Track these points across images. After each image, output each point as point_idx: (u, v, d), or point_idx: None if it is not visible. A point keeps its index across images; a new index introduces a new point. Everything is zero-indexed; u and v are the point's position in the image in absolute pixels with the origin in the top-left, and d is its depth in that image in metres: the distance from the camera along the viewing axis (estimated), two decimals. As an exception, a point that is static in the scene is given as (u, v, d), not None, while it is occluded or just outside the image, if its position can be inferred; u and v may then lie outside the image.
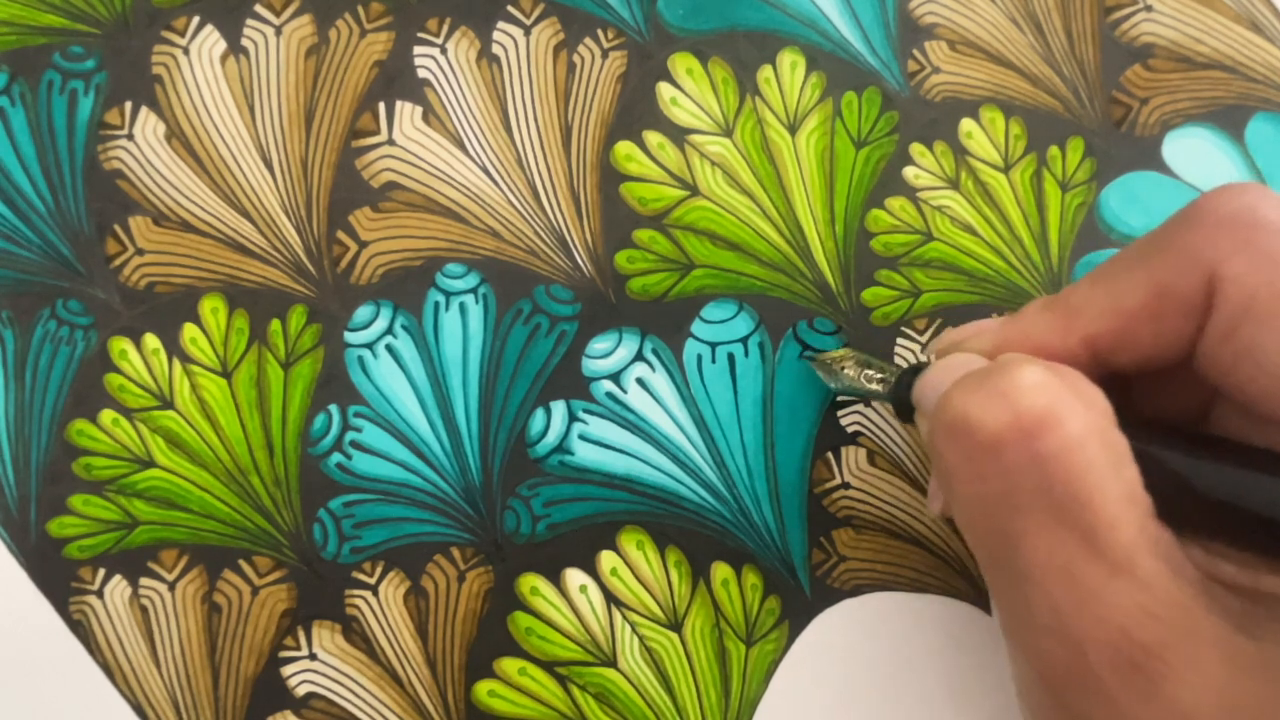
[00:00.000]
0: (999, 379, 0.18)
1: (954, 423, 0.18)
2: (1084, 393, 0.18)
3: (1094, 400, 0.18)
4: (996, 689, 0.25)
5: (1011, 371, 0.18)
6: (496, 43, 0.28)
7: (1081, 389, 0.18)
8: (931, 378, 0.21)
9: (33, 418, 0.25)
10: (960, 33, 0.29)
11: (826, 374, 0.25)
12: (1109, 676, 0.17)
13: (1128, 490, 0.17)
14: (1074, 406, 0.18)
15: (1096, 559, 0.17)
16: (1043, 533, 0.17)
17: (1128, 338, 0.20)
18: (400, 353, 0.26)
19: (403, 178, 0.27)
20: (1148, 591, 0.17)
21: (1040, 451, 0.17)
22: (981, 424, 0.18)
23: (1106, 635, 0.17)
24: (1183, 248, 0.19)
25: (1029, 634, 0.18)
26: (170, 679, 0.24)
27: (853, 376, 0.24)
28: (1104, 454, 0.17)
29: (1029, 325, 0.21)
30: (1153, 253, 0.20)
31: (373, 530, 0.25)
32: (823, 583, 0.25)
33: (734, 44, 0.28)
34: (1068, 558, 0.17)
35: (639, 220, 0.27)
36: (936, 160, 0.28)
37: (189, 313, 0.26)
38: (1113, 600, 0.17)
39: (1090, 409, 0.18)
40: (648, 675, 0.25)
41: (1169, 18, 0.30)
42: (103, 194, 0.26)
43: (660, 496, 0.25)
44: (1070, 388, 0.18)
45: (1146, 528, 0.17)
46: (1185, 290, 0.19)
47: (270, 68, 0.27)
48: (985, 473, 0.18)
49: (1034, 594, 0.18)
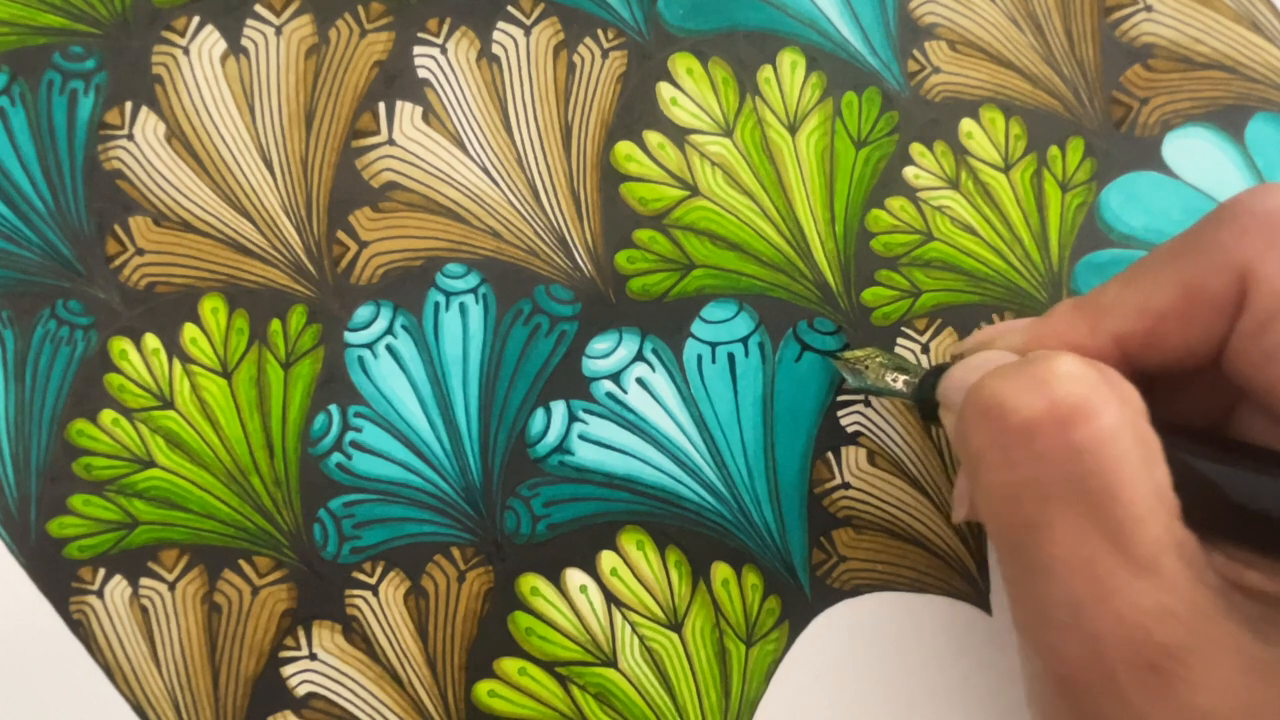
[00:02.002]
0: (1036, 367, 0.18)
1: (988, 406, 0.18)
2: (1119, 387, 0.18)
3: (1129, 396, 0.18)
4: (997, 689, 0.25)
5: (1049, 361, 0.18)
6: (496, 43, 0.28)
7: (1117, 383, 0.18)
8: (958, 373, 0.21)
9: (33, 418, 0.25)
10: (960, 33, 0.29)
11: (850, 373, 0.25)
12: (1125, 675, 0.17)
13: (1157, 489, 0.17)
14: (1110, 399, 0.17)
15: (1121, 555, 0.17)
16: (1069, 524, 0.17)
17: (1157, 338, 0.20)
18: (400, 353, 0.26)
19: (403, 178, 0.27)
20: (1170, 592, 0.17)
21: (1074, 441, 0.17)
22: (1016, 409, 0.18)
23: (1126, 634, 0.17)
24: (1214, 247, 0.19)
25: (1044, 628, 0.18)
26: (170, 679, 0.24)
27: (878, 375, 0.24)
28: (1137, 450, 0.17)
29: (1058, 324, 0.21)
30: (1184, 252, 0.19)
31: (373, 530, 0.25)
32: (823, 583, 0.25)
33: (734, 44, 0.28)
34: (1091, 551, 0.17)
35: (639, 220, 0.27)
36: (936, 160, 0.28)
37: (189, 313, 0.26)
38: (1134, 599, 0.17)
39: (1126, 404, 0.18)
40: (648, 675, 0.25)
41: (1169, 18, 0.30)
42: (103, 194, 0.26)
43: (660, 496, 0.25)
44: (1107, 381, 0.18)
45: (1172, 528, 0.17)
46: (1216, 290, 0.19)
47: (270, 68, 0.27)
48: (1015, 459, 0.18)
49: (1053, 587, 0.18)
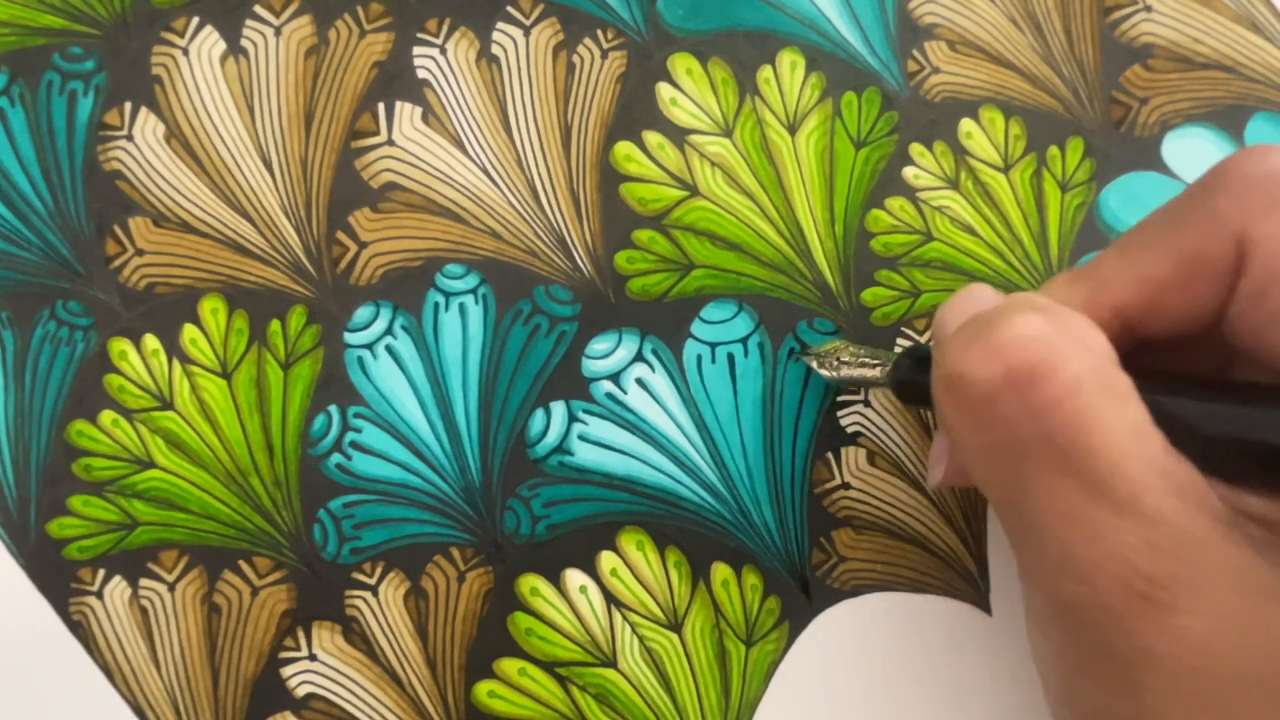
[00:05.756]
0: (992, 331, 0.18)
1: (949, 378, 0.19)
2: (1081, 336, 0.18)
3: (1092, 342, 0.18)
4: (997, 689, 0.25)
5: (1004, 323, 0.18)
6: (496, 43, 0.28)
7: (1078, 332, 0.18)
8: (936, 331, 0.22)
9: (32, 418, 0.25)
10: (960, 33, 0.29)
11: (822, 367, 0.25)
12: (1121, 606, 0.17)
13: (1131, 428, 0.17)
14: (1069, 352, 0.18)
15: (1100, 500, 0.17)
16: (1046, 478, 0.18)
17: (1157, 307, 0.20)
18: (400, 353, 0.26)
19: (402, 178, 0.27)
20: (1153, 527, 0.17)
21: (1035, 402, 0.17)
22: (976, 379, 0.18)
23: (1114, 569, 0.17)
24: (1210, 212, 0.19)
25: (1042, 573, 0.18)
26: (170, 680, 0.24)
27: (849, 366, 0.24)
28: (1103, 396, 0.17)
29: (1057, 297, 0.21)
30: (1180, 219, 0.19)
31: (372, 531, 0.25)
32: (823, 583, 0.25)
33: (734, 44, 0.28)
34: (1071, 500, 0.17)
35: (639, 220, 0.27)
36: (936, 160, 0.28)
37: (189, 313, 0.26)
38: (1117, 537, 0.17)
39: (1087, 351, 0.18)
40: (648, 676, 0.25)
41: (1169, 18, 0.30)
42: (102, 195, 0.26)
43: (660, 497, 0.25)
44: (1065, 332, 0.18)
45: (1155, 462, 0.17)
46: (1215, 255, 0.19)
47: (270, 68, 0.27)
48: (984, 424, 0.18)
49: (1044, 536, 0.18)
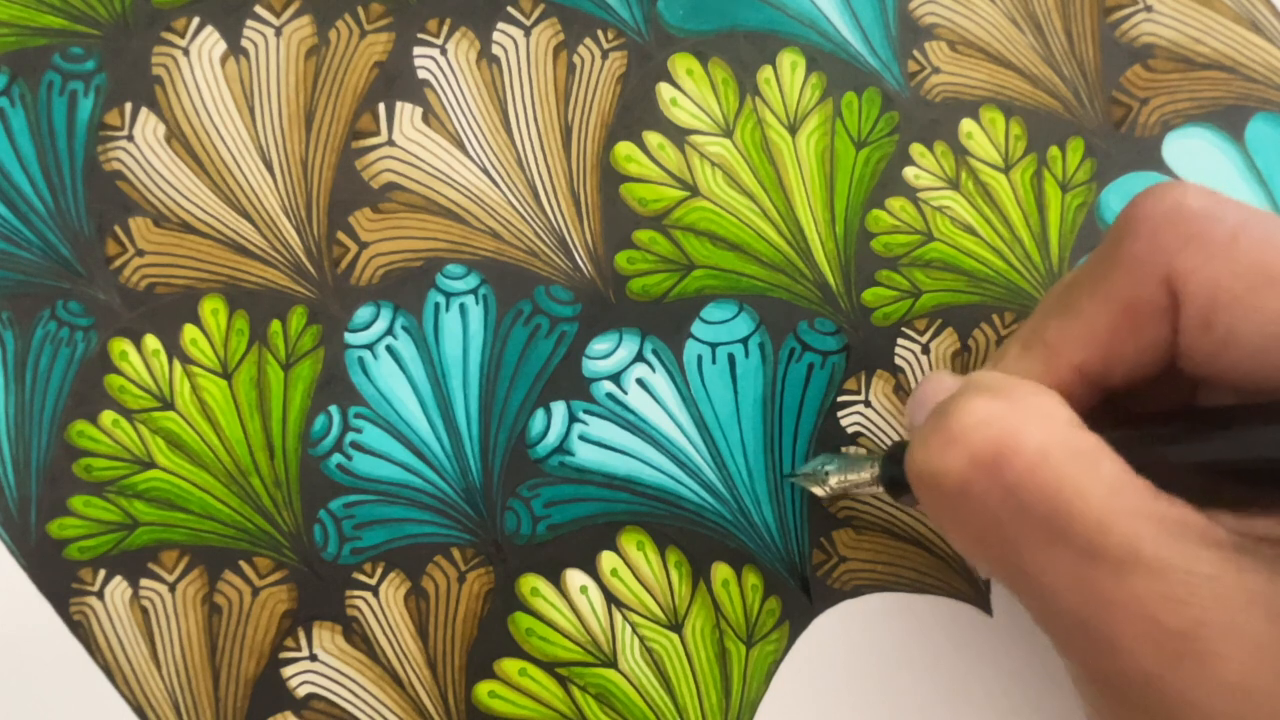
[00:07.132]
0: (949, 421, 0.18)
1: (919, 477, 0.19)
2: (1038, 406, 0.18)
3: (1050, 410, 0.18)
4: (997, 689, 0.25)
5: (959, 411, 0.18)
6: (496, 43, 0.28)
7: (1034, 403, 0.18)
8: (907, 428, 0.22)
9: (33, 419, 0.25)
10: (960, 33, 0.29)
11: (813, 485, 0.25)
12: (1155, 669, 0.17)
13: (1109, 485, 0.17)
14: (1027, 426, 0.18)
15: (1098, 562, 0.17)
16: (1039, 553, 0.18)
17: (1111, 357, 0.20)
18: (400, 354, 0.26)
19: (403, 178, 0.27)
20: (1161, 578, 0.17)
21: (1006, 482, 0.17)
22: (944, 473, 0.18)
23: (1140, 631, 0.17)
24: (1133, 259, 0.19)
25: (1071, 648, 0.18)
26: (170, 680, 0.24)
27: (836, 475, 0.24)
28: (1072, 461, 0.17)
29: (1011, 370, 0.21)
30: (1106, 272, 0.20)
31: (373, 531, 0.25)
32: (823, 583, 0.25)
33: (734, 44, 0.28)
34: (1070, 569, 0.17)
35: (639, 221, 0.27)
36: (937, 161, 0.28)
37: (189, 314, 0.26)
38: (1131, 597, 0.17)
39: (1047, 420, 0.18)
40: (648, 676, 0.25)
41: (1169, 18, 0.30)
42: (103, 195, 0.26)
43: (660, 497, 0.25)
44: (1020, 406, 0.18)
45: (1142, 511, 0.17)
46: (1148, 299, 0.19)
47: (270, 69, 0.27)
48: (965, 516, 0.18)
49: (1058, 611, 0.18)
